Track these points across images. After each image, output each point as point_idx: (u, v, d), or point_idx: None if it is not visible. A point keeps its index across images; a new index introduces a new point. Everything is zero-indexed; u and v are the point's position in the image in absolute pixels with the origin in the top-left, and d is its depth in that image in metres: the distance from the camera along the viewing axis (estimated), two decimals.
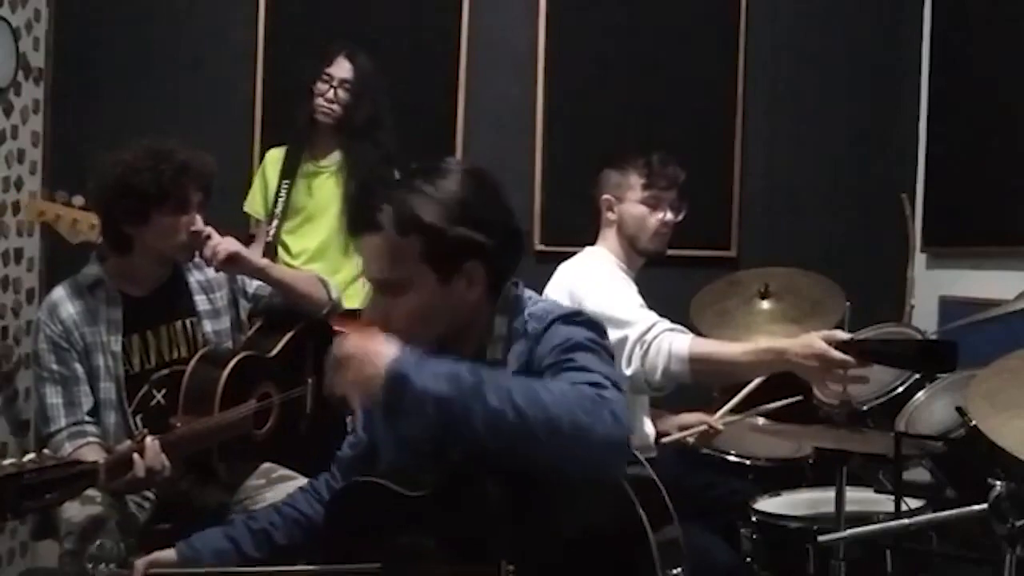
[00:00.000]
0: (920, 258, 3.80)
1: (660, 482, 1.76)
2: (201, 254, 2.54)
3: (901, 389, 2.80)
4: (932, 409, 2.69)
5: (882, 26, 4.03)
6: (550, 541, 1.67)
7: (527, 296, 1.86)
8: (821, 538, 2.13)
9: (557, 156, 3.96)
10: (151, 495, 2.51)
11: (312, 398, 2.81)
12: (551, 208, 3.94)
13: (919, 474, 2.63)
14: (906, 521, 2.11)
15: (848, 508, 2.35)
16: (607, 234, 2.92)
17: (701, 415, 3.00)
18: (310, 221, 3.50)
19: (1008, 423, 1.89)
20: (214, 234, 2.54)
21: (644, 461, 1.77)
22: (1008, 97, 3.35)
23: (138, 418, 2.51)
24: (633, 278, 2.88)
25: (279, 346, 2.70)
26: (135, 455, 2.17)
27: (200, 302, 2.64)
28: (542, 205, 3.95)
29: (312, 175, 3.51)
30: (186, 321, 2.62)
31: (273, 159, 3.57)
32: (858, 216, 4.01)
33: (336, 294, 2.87)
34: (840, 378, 2.25)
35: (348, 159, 3.46)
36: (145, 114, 3.86)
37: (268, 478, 2.57)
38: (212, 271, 2.65)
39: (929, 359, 2.28)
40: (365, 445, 2.02)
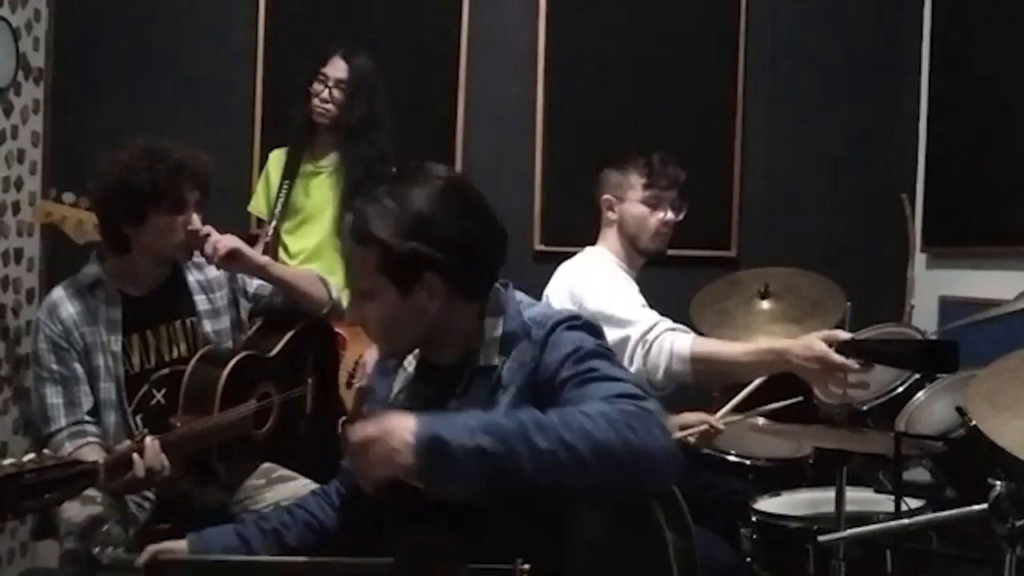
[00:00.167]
0: (920, 258, 3.80)
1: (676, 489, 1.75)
2: (201, 252, 2.54)
3: (901, 389, 2.80)
4: (932, 409, 2.69)
5: (882, 26, 4.03)
6: (565, 540, 1.66)
7: (519, 299, 1.84)
8: (821, 538, 2.13)
9: (557, 156, 3.96)
10: (151, 495, 2.50)
11: (312, 398, 2.81)
12: (551, 208, 3.94)
13: (919, 474, 2.63)
14: (906, 521, 2.11)
15: (848, 508, 2.36)
16: (607, 234, 2.92)
17: (702, 415, 2.99)
18: (308, 221, 3.50)
19: (1008, 423, 1.89)
20: (214, 232, 2.54)
21: None
22: (1008, 97, 3.35)
23: (138, 418, 2.51)
24: (634, 278, 2.88)
25: (279, 346, 2.69)
26: (135, 455, 2.17)
27: (200, 302, 2.64)
28: (542, 205, 3.96)
29: (311, 175, 3.51)
30: (186, 321, 2.61)
31: (276, 160, 3.58)
32: (858, 216, 4.01)
33: (336, 293, 2.87)
34: (840, 382, 2.25)
35: (344, 159, 3.46)
36: (145, 114, 3.86)
37: (268, 478, 2.56)
38: (212, 271, 2.65)
39: (929, 359, 2.28)
40: None
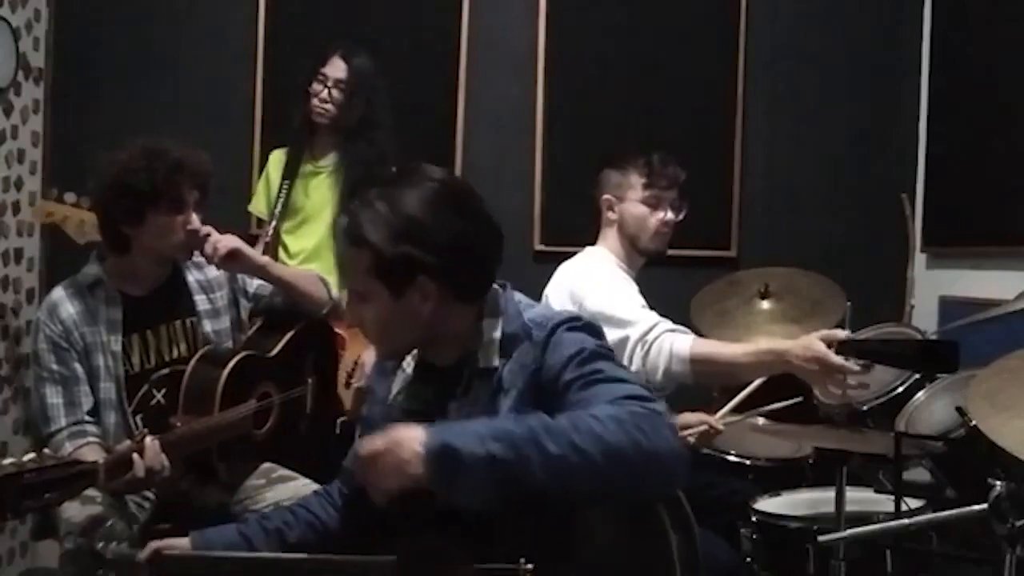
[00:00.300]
0: (920, 258, 3.80)
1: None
2: (201, 252, 2.54)
3: (901, 389, 2.80)
4: (932, 409, 2.70)
5: (882, 26, 4.03)
6: (568, 540, 1.65)
7: (518, 300, 1.84)
8: (821, 538, 2.13)
9: (557, 156, 3.96)
10: (151, 495, 2.50)
11: (312, 398, 2.81)
12: (551, 208, 3.94)
13: (919, 474, 2.63)
14: (906, 521, 2.11)
15: (848, 508, 2.36)
16: (607, 234, 2.92)
17: (702, 415, 2.99)
18: (307, 221, 3.50)
19: (1008, 423, 1.89)
20: (214, 232, 2.54)
21: None
22: (1008, 97, 3.35)
23: (138, 418, 2.51)
24: (634, 278, 2.87)
25: (279, 346, 2.69)
26: (135, 455, 2.17)
27: (200, 301, 2.64)
28: (542, 205, 3.95)
29: (310, 175, 3.51)
30: (186, 321, 2.61)
31: (276, 160, 3.58)
32: (858, 216, 4.01)
33: (336, 293, 2.87)
34: (840, 383, 2.25)
35: (344, 159, 3.45)
36: (145, 114, 3.86)
37: (268, 478, 2.56)
38: (212, 271, 2.65)
39: (929, 359, 2.28)
40: None
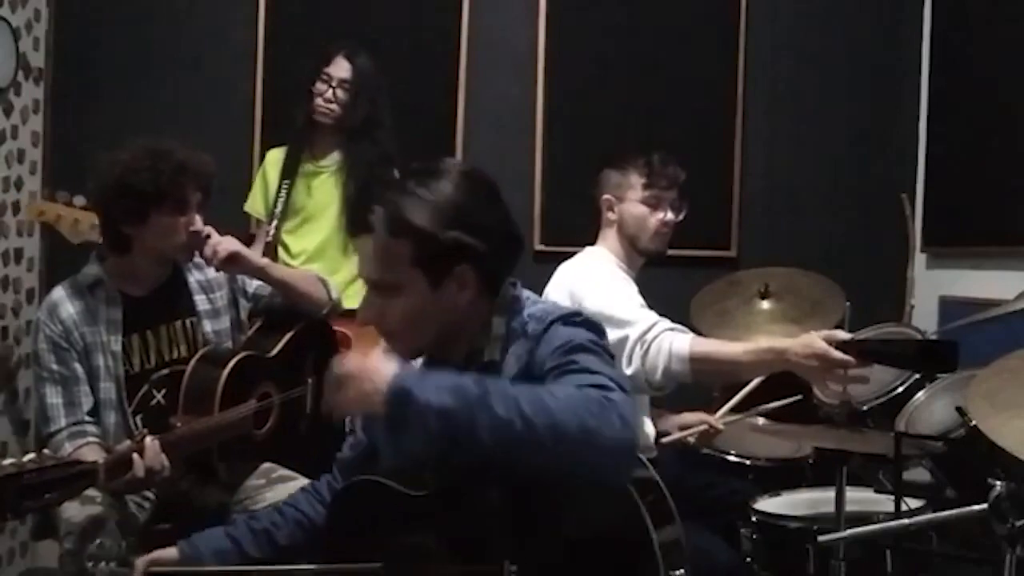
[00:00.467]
0: (920, 258, 3.80)
1: (661, 482, 1.76)
2: (201, 254, 2.54)
3: (901, 389, 2.80)
4: (932, 409, 2.69)
5: (882, 26, 4.03)
6: (553, 541, 1.67)
7: (526, 296, 1.85)
8: (821, 538, 2.13)
9: (557, 156, 3.96)
10: (151, 495, 2.51)
11: (312, 398, 2.81)
12: (551, 208, 3.94)
13: (919, 474, 2.63)
14: (906, 521, 2.11)
15: (848, 508, 2.35)
16: (607, 234, 2.92)
17: (701, 415, 3.00)
18: (309, 221, 3.50)
19: (1008, 423, 1.89)
20: (214, 233, 2.54)
21: (646, 462, 1.77)
22: (1008, 97, 3.35)
23: (138, 418, 2.51)
24: (633, 278, 2.87)
25: (279, 346, 2.70)
26: (135, 455, 2.17)
27: (200, 302, 2.64)
28: (542, 205, 3.95)
29: (312, 175, 3.50)
30: (186, 321, 2.61)
31: (273, 159, 3.57)
32: (858, 216, 4.01)
33: (336, 294, 2.87)
34: (840, 378, 2.25)
35: (347, 159, 3.45)
36: (145, 114, 3.86)
37: (268, 478, 2.56)
38: (212, 271, 2.65)
39: (929, 359, 2.28)
40: (365, 447, 2.02)
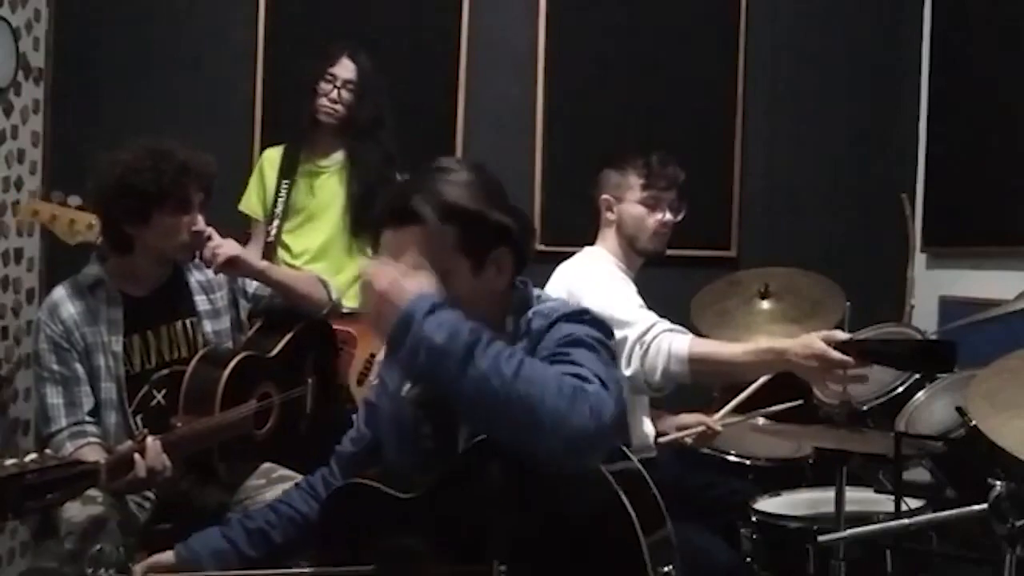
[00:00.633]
0: (920, 258, 3.80)
1: (658, 482, 1.76)
2: (201, 255, 2.54)
3: (901, 389, 2.80)
4: (932, 409, 2.69)
5: (882, 26, 4.03)
6: (541, 541, 1.67)
7: (536, 295, 1.88)
8: (821, 538, 2.13)
9: (557, 156, 3.96)
10: (152, 495, 2.51)
11: (312, 398, 2.81)
12: (551, 208, 3.94)
13: (919, 474, 2.63)
14: (906, 521, 2.11)
15: (848, 508, 2.35)
16: (606, 234, 2.92)
17: (700, 416, 3.00)
18: (311, 221, 3.49)
19: (1008, 423, 1.89)
20: (215, 235, 2.54)
21: (633, 458, 1.77)
22: (1008, 97, 3.36)
23: (138, 418, 2.51)
24: (632, 278, 2.87)
25: (279, 346, 2.70)
26: (136, 455, 2.18)
27: (200, 302, 2.64)
28: (542, 205, 3.95)
29: (313, 175, 3.49)
30: (186, 321, 2.62)
31: (270, 159, 3.56)
32: (858, 216, 4.01)
33: (336, 294, 2.87)
34: (840, 378, 2.25)
35: (352, 159, 3.45)
36: (145, 114, 3.86)
37: (268, 478, 2.56)
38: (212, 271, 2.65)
39: (929, 359, 2.28)
40: (368, 441, 2.02)
